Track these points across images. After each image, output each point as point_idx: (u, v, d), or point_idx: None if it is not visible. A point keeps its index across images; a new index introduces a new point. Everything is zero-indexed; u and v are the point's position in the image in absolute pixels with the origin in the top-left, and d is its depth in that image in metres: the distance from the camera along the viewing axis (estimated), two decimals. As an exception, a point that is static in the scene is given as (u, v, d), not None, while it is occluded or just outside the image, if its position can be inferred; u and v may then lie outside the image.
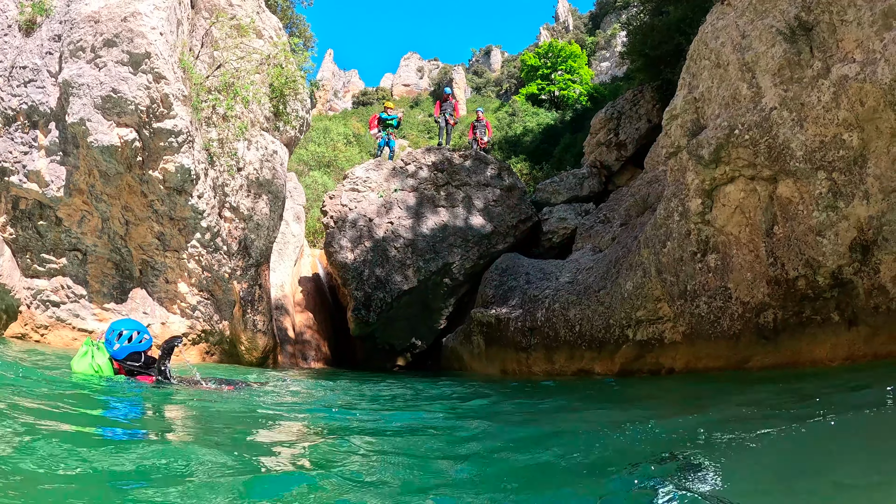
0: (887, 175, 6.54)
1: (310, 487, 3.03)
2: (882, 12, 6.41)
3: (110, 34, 9.40)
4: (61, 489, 2.69)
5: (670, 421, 5.35)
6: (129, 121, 9.47)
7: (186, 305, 11.08)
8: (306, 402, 7.36)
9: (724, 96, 8.20)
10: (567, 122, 35.88)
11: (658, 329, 9.72)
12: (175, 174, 9.95)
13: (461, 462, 4.06)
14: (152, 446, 3.67)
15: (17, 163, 9.93)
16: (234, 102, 11.28)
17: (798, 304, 7.69)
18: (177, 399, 6.15)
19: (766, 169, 7.61)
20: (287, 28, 23.29)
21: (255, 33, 12.47)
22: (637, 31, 19.97)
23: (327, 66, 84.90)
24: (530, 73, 53.82)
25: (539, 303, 12.33)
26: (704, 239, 8.70)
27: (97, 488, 2.78)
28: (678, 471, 3.24)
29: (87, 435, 3.89)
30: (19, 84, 10.03)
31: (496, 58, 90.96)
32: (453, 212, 16.86)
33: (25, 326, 10.25)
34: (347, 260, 16.14)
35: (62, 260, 10.39)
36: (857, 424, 4.05)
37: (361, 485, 3.18)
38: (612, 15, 72.78)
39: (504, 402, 8.12)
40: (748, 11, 7.97)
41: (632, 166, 18.98)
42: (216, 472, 3.12)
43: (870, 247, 6.86)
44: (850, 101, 6.64)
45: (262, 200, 12.30)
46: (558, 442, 4.72)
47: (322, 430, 5.16)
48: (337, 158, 34.40)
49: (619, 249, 11.40)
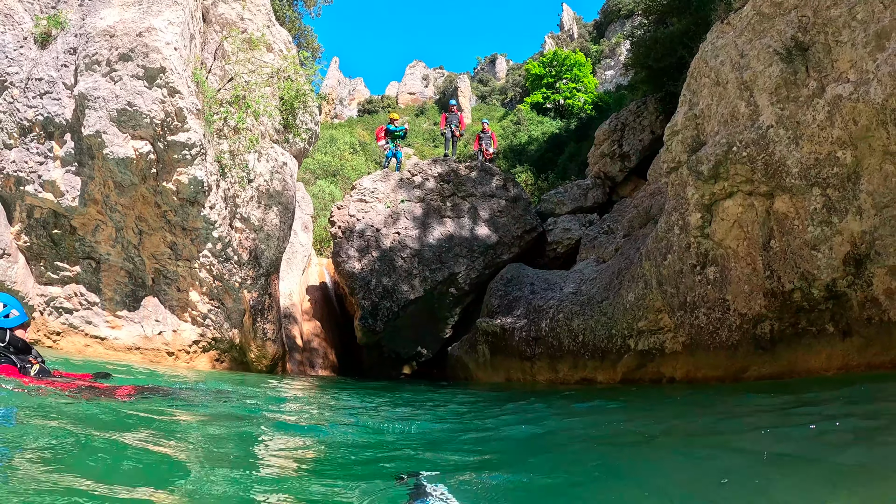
0: (880, 191, 6.73)
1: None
2: (875, 33, 6.61)
3: (126, 48, 9.66)
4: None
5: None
6: (144, 133, 9.73)
7: (197, 314, 11.31)
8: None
9: (723, 114, 8.42)
10: (572, 130, 36.01)
11: (659, 339, 9.91)
12: (188, 186, 10.20)
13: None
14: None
15: (32, 173, 10.18)
16: (245, 115, 11.53)
17: (794, 315, 7.88)
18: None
19: (763, 185, 7.82)
20: (295, 39, 23.58)
21: (266, 47, 12.72)
22: (640, 43, 20.14)
23: (333, 74, 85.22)
24: (535, 81, 54.02)
25: (543, 313, 12.52)
26: (704, 252, 8.90)
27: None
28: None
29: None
30: (35, 95, 10.28)
31: (501, 66, 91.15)
32: (459, 222, 17.07)
33: (38, 332, 10.47)
34: (355, 269, 16.35)
35: (76, 268, 10.63)
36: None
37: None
38: (616, 23, 72.89)
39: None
40: (747, 31, 8.19)
41: (635, 177, 19.16)
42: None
43: (863, 260, 7.04)
44: (843, 120, 6.85)
45: (272, 211, 12.55)
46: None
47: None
48: (343, 167, 34.61)
49: (621, 261, 11.60)
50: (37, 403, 4.89)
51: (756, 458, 3.84)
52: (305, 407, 8.14)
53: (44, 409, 4.71)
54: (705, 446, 4.48)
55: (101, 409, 5.06)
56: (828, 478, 3.27)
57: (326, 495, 3.45)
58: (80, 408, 4.96)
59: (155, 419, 4.97)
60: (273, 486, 3.56)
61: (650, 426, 5.81)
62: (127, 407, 5.25)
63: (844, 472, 3.35)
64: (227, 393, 7.36)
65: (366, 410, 7.93)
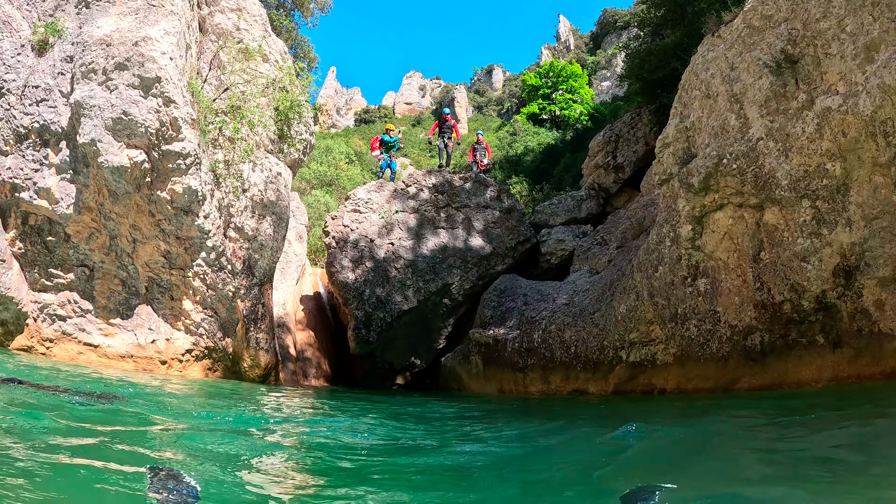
0: (869, 203, 6.80)
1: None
2: (864, 45, 6.69)
3: (122, 58, 9.70)
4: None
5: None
6: (139, 143, 9.76)
7: (191, 322, 11.30)
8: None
9: (713, 126, 8.49)
10: (567, 141, 36.11)
11: (650, 351, 9.94)
12: (182, 195, 10.22)
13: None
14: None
15: (27, 179, 10.18)
16: (240, 125, 11.57)
17: (784, 327, 7.92)
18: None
19: (753, 197, 7.88)
20: (291, 49, 23.68)
21: (262, 57, 12.77)
22: (635, 54, 20.25)
23: (330, 84, 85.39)
24: (531, 92, 54.19)
25: (536, 324, 12.55)
26: (695, 264, 8.95)
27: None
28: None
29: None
30: (31, 103, 10.30)
31: (498, 77, 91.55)
32: (453, 233, 17.11)
33: (31, 339, 10.45)
34: (349, 279, 16.38)
35: (70, 275, 10.63)
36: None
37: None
38: (613, 35, 73.34)
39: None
40: (737, 44, 8.27)
41: (629, 189, 19.19)
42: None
43: (853, 272, 7.10)
44: (833, 132, 6.92)
45: (266, 221, 12.57)
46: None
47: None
48: (339, 177, 34.63)
49: (614, 272, 11.64)
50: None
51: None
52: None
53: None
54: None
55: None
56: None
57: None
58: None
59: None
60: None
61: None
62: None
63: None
64: (110, 396, 6.87)
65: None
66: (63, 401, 6.08)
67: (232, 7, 12.79)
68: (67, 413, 5.48)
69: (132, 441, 4.80)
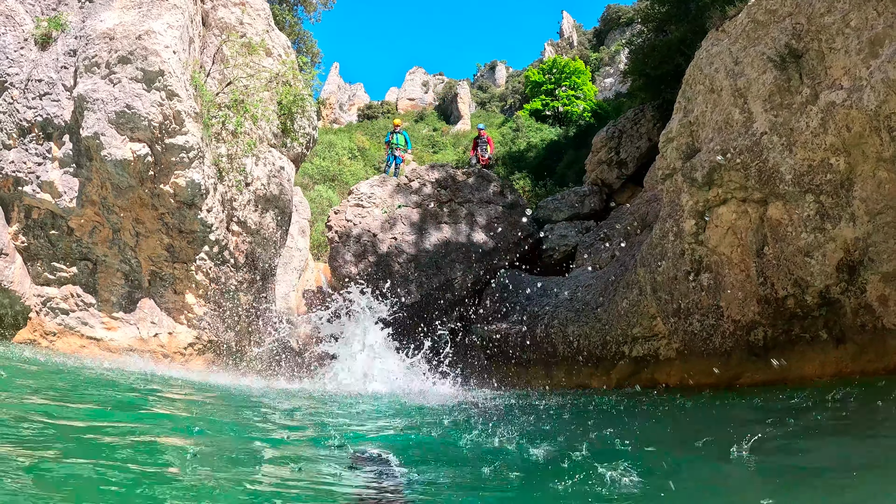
0: (873, 198, 6.78)
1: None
2: (869, 40, 6.67)
3: (125, 51, 9.70)
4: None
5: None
6: (142, 136, 9.75)
7: (193, 316, 11.31)
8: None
9: (717, 121, 8.46)
10: (570, 137, 36.07)
11: (653, 346, 9.93)
12: (185, 189, 10.22)
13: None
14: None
15: (30, 173, 10.20)
16: (243, 119, 11.57)
17: (787, 322, 7.91)
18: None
19: (757, 191, 7.86)
20: (294, 44, 23.65)
21: (265, 51, 12.76)
22: (638, 50, 20.23)
23: (333, 80, 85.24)
24: (534, 88, 54.03)
25: (539, 319, 12.54)
26: (698, 259, 8.93)
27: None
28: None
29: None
30: (34, 97, 10.31)
31: (501, 73, 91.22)
32: (456, 228, 17.09)
33: (34, 333, 10.47)
34: (351, 274, 16.37)
35: (72, 269, 10.64)
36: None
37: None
38: (616, 31, 73.03)
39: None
40: (741, 38, 8.24)
41: (632, 185, 19.19)
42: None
43: (856, 267, 7.09)
44: (837, 127, 6.90)
45: (268, 215, 12.57)
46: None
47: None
48: (342, 173, 34.66)
49: (617, 267, 11.62)
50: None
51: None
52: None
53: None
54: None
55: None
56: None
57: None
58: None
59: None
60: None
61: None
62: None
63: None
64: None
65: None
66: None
67: (235, 1, 12.78)
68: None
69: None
